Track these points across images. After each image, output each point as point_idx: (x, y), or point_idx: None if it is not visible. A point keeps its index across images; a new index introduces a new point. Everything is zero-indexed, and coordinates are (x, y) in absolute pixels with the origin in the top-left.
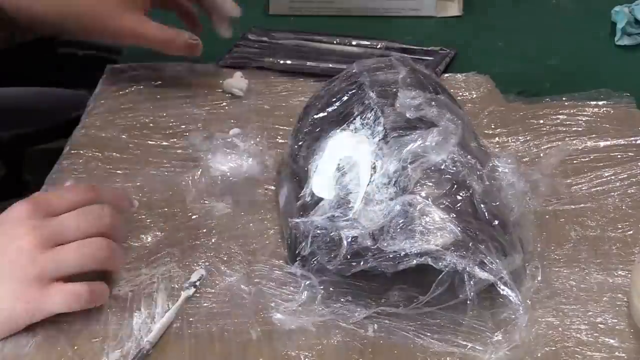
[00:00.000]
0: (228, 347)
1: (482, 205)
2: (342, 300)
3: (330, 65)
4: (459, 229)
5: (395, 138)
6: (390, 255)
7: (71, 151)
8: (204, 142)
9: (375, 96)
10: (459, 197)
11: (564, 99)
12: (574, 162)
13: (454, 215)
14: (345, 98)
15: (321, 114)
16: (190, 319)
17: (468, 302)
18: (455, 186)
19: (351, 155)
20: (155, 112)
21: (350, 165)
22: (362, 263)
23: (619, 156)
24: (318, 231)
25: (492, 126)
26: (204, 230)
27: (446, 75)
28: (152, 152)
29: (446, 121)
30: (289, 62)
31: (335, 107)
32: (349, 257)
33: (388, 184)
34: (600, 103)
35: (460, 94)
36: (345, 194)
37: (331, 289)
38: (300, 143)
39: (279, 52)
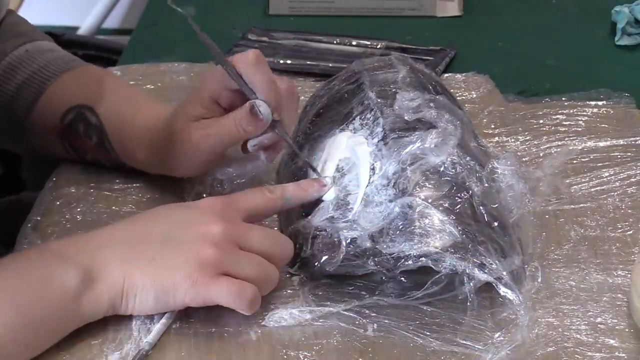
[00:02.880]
0: (228, 347)
1: (481, 207)
2: (338, 297)
3: (330, 65)
4: (458, 230)
5: (395, 139)
6: (390, 257)
7: None
8: None
9: (375, 96)
10: (458, 199)
11: (563, 99)
12: (574, 162)
13: (453, 217)
14: (344, 98)
15: (320, 114)
16: (190, 319)
17: (468, 303)
18: (455, 188)
19: (350, 157)
20: None
21: (349, 166)
22: (361, 265)
23: (618, 156)
24: (317, 232)
25: (492, 126)
26: None
27: (446, 75)
28: None
29: (445, 122)
30: (288, 62)
31: (335, 107)
32: (348, 259)
33: (387, 185)
34: (600, 103)
35: (460, 94)
36: (344, 195)
37: (329, 288)
38: (299, 143)
39: (279, 52)
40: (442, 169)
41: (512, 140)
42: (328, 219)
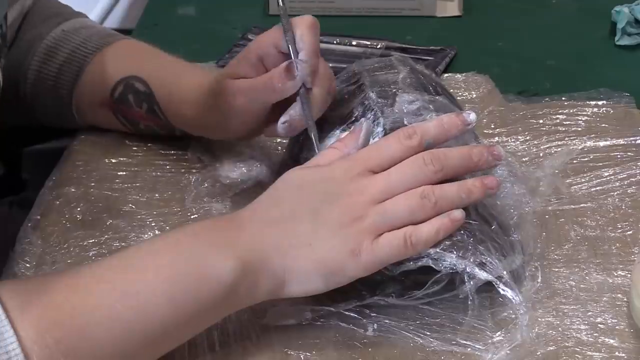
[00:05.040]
0: (228, 347)
1: (481, 206)
2: (338, 296)
3: (330, 65)
4: (458, 229)
5: None
6: None
7: (72, 152)
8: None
9: (375, 96)
10: None
11: (563, 98)
12: (574, 162)
13: None
14: (345, 98)
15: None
16: None
17: (469, 302)
18: None
19: None
20: None
21: None
22: None
23: (618, 156)
24: None
25: (492, 126)
26: None
27: (446, 75)
28: (153, 154)
29: None
30: None
31: (335, 107)
32: None
33: None
34: (600, 103)
35: (460, 94)
36: None
37: None
38: (300, 144)
39: None
40: None
41: (512, 140)
42: None
